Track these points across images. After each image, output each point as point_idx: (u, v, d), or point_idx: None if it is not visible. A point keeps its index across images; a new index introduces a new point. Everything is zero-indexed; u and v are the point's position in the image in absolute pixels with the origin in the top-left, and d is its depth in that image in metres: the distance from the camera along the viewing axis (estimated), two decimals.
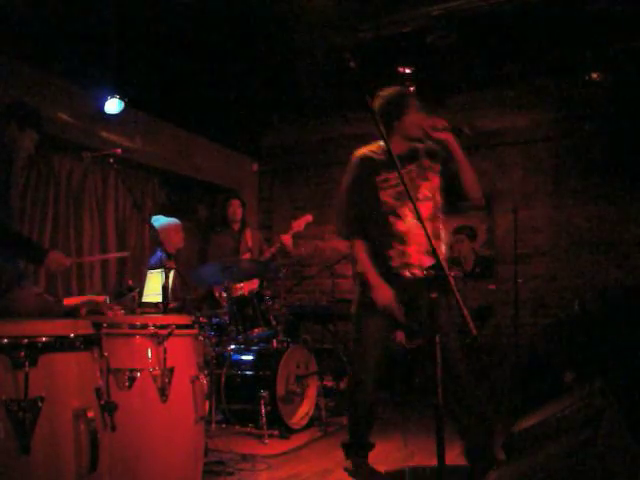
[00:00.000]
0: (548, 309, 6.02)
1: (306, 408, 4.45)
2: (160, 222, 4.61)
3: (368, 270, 2.99)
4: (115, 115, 5.06)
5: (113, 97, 4.96)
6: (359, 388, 3.09)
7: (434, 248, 1.99)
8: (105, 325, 2.44)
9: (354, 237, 3.08)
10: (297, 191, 7.49)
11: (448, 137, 2.90)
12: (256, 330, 4.43)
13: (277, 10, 4.65)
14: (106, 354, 2.01)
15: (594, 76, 5.58)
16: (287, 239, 5.04)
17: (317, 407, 4.50)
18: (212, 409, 3.94)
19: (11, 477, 1.60)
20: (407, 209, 2.95)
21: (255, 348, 4.53)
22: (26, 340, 1.66)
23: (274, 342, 4.48)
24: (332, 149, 6.95)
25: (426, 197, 3.01)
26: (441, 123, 2.88)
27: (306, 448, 3.90)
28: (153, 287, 3.95)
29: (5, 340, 1.63)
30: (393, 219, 2.98)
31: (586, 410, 2.18)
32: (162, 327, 2.50)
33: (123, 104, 5.02)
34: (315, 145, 7.31)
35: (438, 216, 3.03)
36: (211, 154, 6.76)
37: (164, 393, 2.44)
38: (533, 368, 5.00)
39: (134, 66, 5.03)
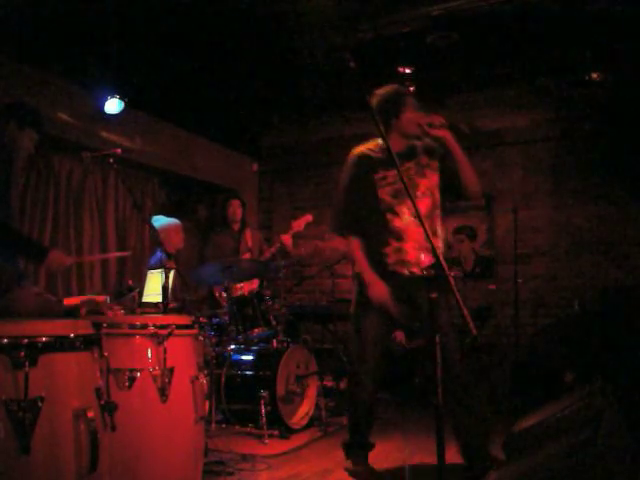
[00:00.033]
0: (548, 309, 6.02)
1: (306, 408, 4.45)
2: (160, 222, 4.61)
3: (363, 267, 3.01)
4: (115, 115, 5.07)
5: (113, 97, 4.98)
6: (359, 388, 3.09)
7: (433, 245, 1.99)
8: (105, 325, 2.44)
9: (349, 234, 3.10)
10: (297, 191, 7.49)
11: (445, 134, 2.91)
12: (256, 330, 4.44)
13: (277, 10, 4.65)
14: (106, 354, 2.01)
15: (594, 76, 5.57)
16: (287, 239, 5.05)
17: (317, 407, 4.49)
18: (212, 409, 3.94)
19: (11, 477, 1.60)
20: (404, 206, 2.97)
21: (255, 348, 4.53)
22: (26, 340, 1.66)
23: (274, 342, 4.48)
24: (332, 149, 6.94)
25: (424, 194, 3.02)
26: (438, 120, 2.90)
27: (306, 448, 3.90)
28: (153, 287, 3.95)
29: (5, 340, 1.63)
30: (390, 216, 2.99)
31: (586, 410, 2.18)
32: (162, 327, 2.50)
33: (123, 104, 5.03)
34: (315, 145, 7.31)
35: (435, 213, 3.06)
36: (211, 154, 6.76)
37: (164, 393, 2.44)
38: (533, 368, 5.00)
39: (134, 66, 5.03)
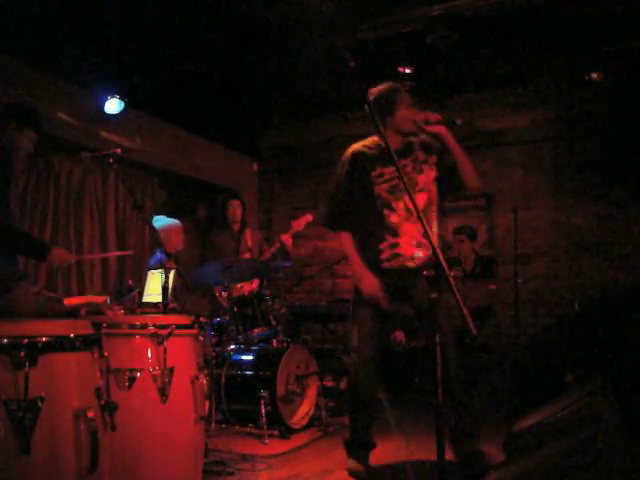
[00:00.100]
0: (548, 309, 6.02)
1: (306, 408, 4.45)
2: (161, 223, 4.60)
3: (355, 261, 3.07)
4: (115, 115, 5.07)
5: (113, 97, 4.98)
6: (358, 382, 3.12)
7: (430, 240, 2.00)
8: (105, 325, 2.44)
9: (341, 229, 3.15)
10: (297, 191, 7.49)
11: (441, 130, 2.95)
12: (256, 330, 4.43)
13: (277, 10, 4.65)
14: (106, 354, 2.01)
15: (594, 76, 5.57)
16: (287, 239, 5.05)
17: (317, 407, 4.49)
18: (212, 409, 3.93)
19: (11, 477, 1.60)
20: (400, 202, 3.03)
21: (255, 348, 4.52)
22: (26, 340, 1.66)
23: (274, 342, 4.49)
24: (332, 149, 6.91)
25: (420, 190, 3.08)
26: (434, 117, 2.94)
27: (306, 448, 3.89)
28: (153, 287, 3.94)
29: (5, 340, 1.63)
30: (387, 212, 3.05)
31: (586, 410, 2.18)
32: (162, 327, 2.51)
33: (123, 104, 5.03)
34: (315, 145, 7.31)
35: (431, 208, 3.13)
36: (211, 154, 6.76)
37: (164, 393, 2.44)
38: (533, 368, 4.99)
39: (134, 66, 5.03)
